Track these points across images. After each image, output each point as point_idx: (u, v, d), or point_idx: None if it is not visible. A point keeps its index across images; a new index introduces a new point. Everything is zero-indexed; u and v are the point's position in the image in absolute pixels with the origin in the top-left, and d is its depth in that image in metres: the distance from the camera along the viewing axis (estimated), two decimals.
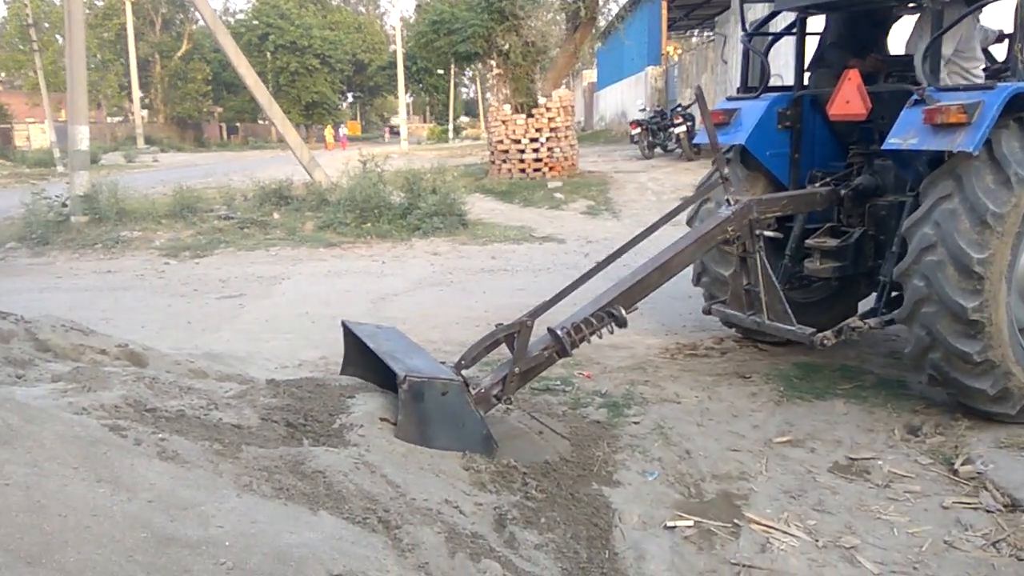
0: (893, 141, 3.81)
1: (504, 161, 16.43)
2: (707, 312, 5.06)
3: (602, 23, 18.07)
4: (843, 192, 4.48)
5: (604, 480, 3.43)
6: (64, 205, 11.81)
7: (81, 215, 11.65)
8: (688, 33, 35.26)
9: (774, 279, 4.22)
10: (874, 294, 4.56)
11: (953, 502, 3.27)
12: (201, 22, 32.71)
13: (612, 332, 3.79)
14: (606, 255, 4.01)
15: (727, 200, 4.12)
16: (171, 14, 53.57)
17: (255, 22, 52.78)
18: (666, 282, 4.03)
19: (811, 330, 4.10)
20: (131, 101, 46.91)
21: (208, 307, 7.18)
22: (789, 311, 4.18)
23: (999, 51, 4.81)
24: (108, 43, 47.89)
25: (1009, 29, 4.64)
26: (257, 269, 8.95)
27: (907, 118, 3.79)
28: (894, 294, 4.10)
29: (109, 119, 51.11)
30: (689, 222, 5.25)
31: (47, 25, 39.67)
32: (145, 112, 50.55)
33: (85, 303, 7.35)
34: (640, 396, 4.47)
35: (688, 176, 14.80)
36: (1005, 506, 3.22)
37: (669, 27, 26.96)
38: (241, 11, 60.27)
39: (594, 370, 4.98)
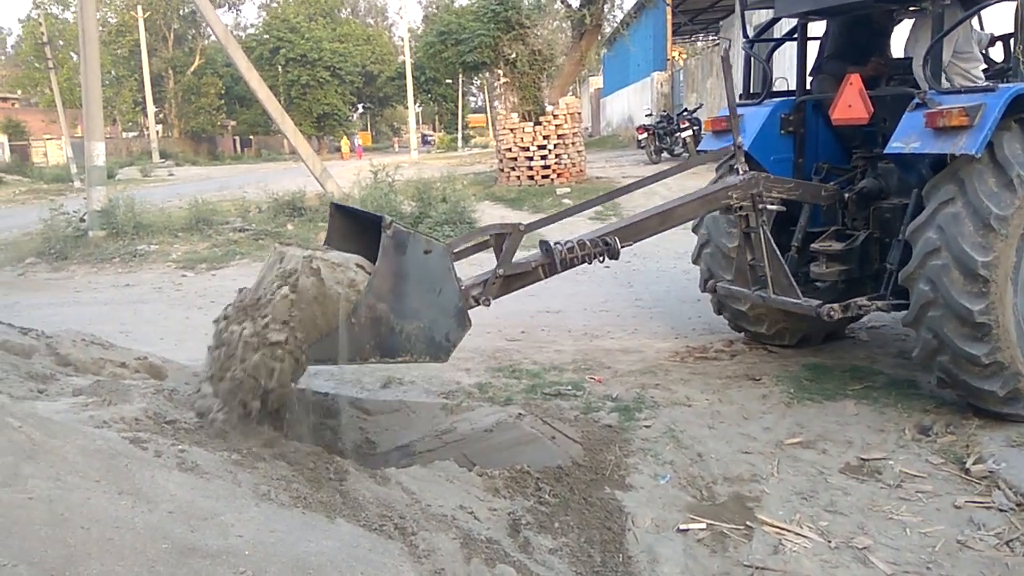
0: (896, 145, 3.83)
1: (513, 168, 16.50)
2: (711, 290, 5.14)
3: (607, 30, 18.14)
4: (847, 195, 4.50)
5: (617, 484, 3.47)
6: (82, 220, 11.98)
7: (99, 230, 11.81)
8: (693, 38, 35.26)
9: (778, 253, 4.27)
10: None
11: (965, 501, 3.29)
12: (213, 37, 33.06)
13: (603, 261, 3.81)
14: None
15: (736, 169, 4.18)
16: (183, 30, 54.15)
17: (266, 36, 53.17)
18: (664, 230, 4.10)
19: (817, 302, 4.17)
20: (146, 116, 47.42)
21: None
22: (794, 284, 4.24)
23: (995, 54, 4.84)
24: (122, 59, 48.48)
25: (999, 32, 4.69)
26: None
27: (909, 122, 3.81)
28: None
29: (124, 134, 51.75)
30: (695, 229, 5.30)
31: (62, 43, 40.24)
32: (159, 127, 51.09)
33: (104, 316, 7.46)
34: (651, 400, 4.50)
35: (695, 180, 14.72)
36: (1018, 505, 3.22)
37: (674, 32, 26.99)
38: (252, 25, 60.97)
39: (605, 374, 5.02)
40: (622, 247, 3.70)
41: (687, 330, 5.99)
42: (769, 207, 4.19)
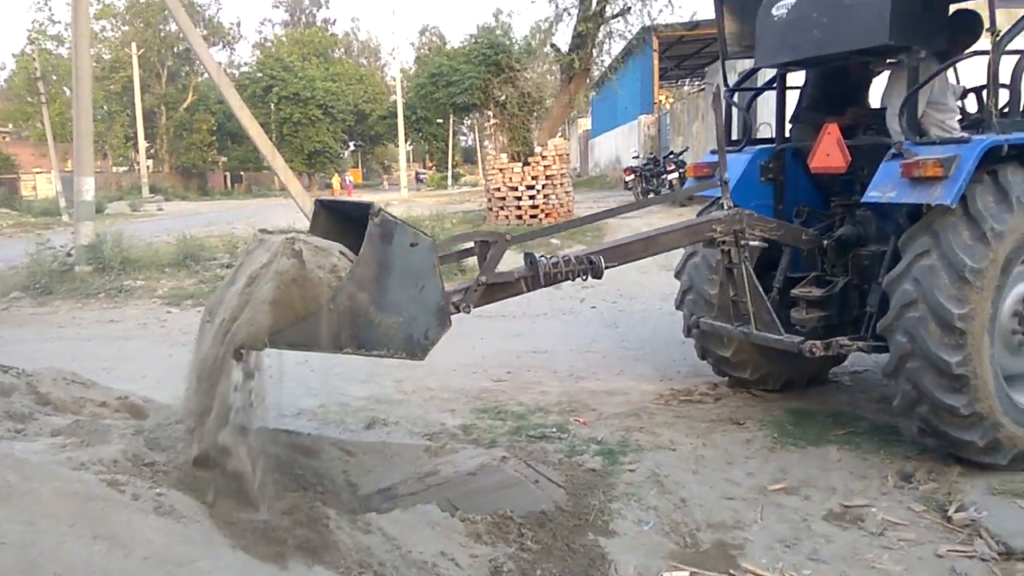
0: (873, 194, 3.90)
1: (502, 208, 16.64)
2: (688, 333, 5.24)
3: (596, 73, 18.46)
4: (826, 242, 4.58)
5: (600, 530, 3.45)
6: (69, 255, 11.94)
7: (85, 265, 11.77)
8: (679, 83, 36.01)
9: (760, 290, 4.33)
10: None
11: (947, 550, 3.28)
12: (206, 75, 33.35)
13: (586, 279, 3.81)
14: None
15: (722, 204, 4.27)
16: (177, 67, 54.66)
17: (259, 74, 53.79)
18: (648, 255, 4.20)
19: (799, 339, 4.21)
20: (137, 151, 47.61)
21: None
22: (776, 320, 4.29)
23: (969, 106, 4.97)
24: (115, 95, 48.82)
25: (973, 84, 4.83)
26: None
27: (885, 172, 3.89)
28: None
29: (115, 169, 51.84)
30: (677, 275, 5.36)
31: (55, 78, 40.47)
32: (150, 162, 51.29)
33: (87, 353, 7.40)
34: (636, 443, 4.50)
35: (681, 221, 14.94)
36: (1000, 554, 3.21)
37: (661, 77, 27.57)
38: (245, 64, 61.48)
39: (590, 416, 5.01)
40: (606, 267, 3.75)
41: (672, 372, 6.01)
42: (752, 243, 4.25)
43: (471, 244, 3.73)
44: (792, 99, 5.13)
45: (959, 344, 3.62)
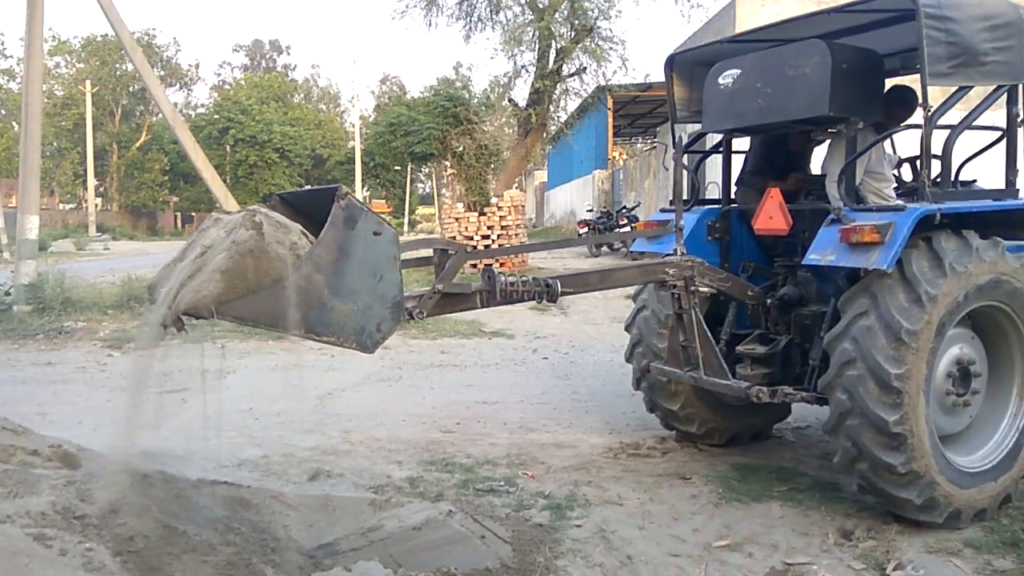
0: (813, 257, 4.05)
1: None
2: (637, 386, 5.31)
3: (552, 128, 18.88)
4: (770, 301, 4.71)
5: None
6: (7, 294, 11.55)
7: (24, 304, 11.38)
8: (632, 140, 37.01)
9: (710, 336, 4.42)
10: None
11: None
12: (161, 114, 33.08)
13: (541, 302, 3.83)
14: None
15: (676, 250, 4.41)
16: (132, 105, 54.09)
17: (216, 116, 53.54)
18: (602, 288, 4.33)
19: (746, 384, 4.30)
20: (85, 189, 46.68)
21: (148, 402, 7.01)
22: (725, 366, 4.38)
23: (905, 174, 5.22)
24: (66, 132, 48.02)
25: (907, 155, 5.08)
26: (202, 362, 8.81)
27: (825, 235, 4.04)
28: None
29: (62, 206, 50.68)
30: (627, 328, 5.43)
31: (2, 112, 39.68)
32: (99, 200, 50.27)
33: (22, 397, 7.13)
34: (583, 497, 4.49)
35: None
36: None
37: (615, 134, 28.36)
38: (203, 105, 61.13)
39: (539, 470, 5.00)
40: (562, 293, 3.78)
41: (621, 425, 6.04)
42: (701, 289, 4.36)
43: (430, 252, 3.75)
44: (738, 163, 5.33)
45: (896, 403, 3.73)
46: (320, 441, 5.58)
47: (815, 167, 5.19)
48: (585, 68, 17.59)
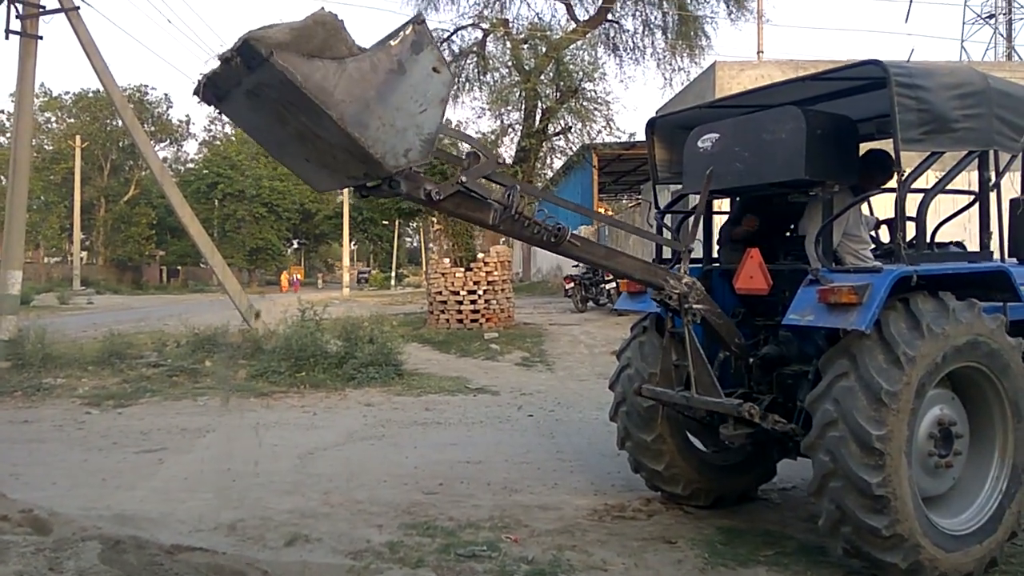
0: (792, 317, 4.08)
1: (443, 311, 16.71)
2: (621, 445, 5.35)
3: (539, 185, 19.12)
4: (752, 360, 4.72)
5: None
6: None
7: (3, 360, 11.25)
8: (618, 196, 37.53)
9: (703, 354, 4.40)
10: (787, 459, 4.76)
11: None
12: (150, 169, 33.35)
13: (547, 240, 3.91)
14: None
15: (681, 268, 4.45)
16: (121, 160, 54.38)
17: (205, 171, 53.89)
18: (604, 265, 4.44)
19: (738, 401, 4.27)
20: (71, 243, 46.55)
21: (125, 462, 6.88)
22: (717, 385, 4.35)
23: (883, 236, 5.31)
24: (54, 186, 48.11)
25: (884, 217, 5.17)
26: (182, 420, 8.68)
27: (804, 296, 4.08)
28: None
29: (47, 259, 50.43)
30: (611, 386, 5.42)
31: None
32: (84, 254, 50.13)
33: None
34: (567, 563, 4.39)
35: (619, 331, 15.22)
36: None
37: (600, 190, 28.76)
38: (192, 160, 61.48)
39: (522, 533, 4.91)
40: (568, 243, 3.91)
41: (607, 486, 5.97)
42: (696, 306, 4.35)
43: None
44: (720, 222, 5.40)
45: (879, 465, 3.71)
46: (299, 503, 5.47)
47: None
48: (570, 127, 17.95)
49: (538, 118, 17.62)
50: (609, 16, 20.02)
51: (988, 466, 4.24)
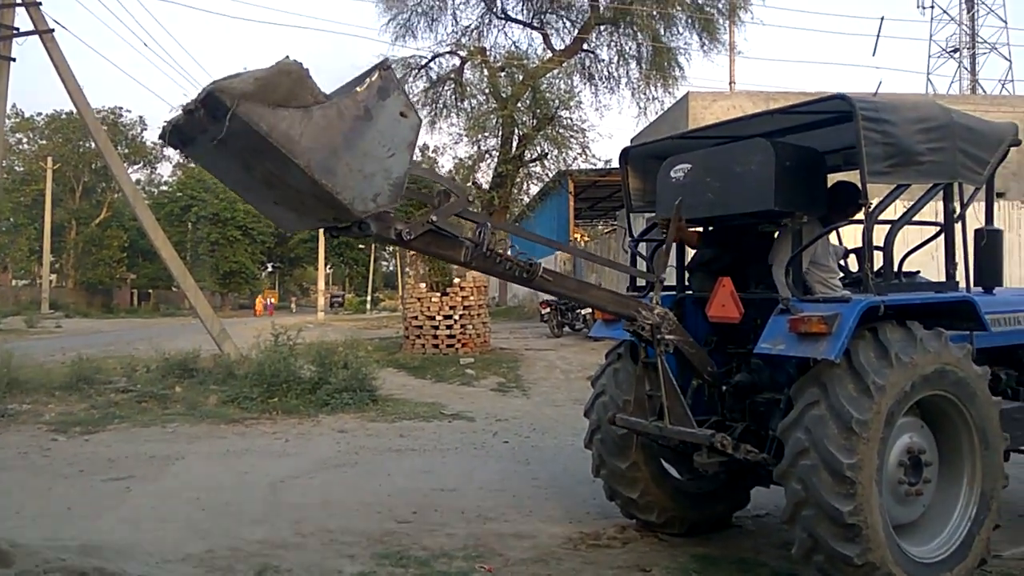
0: (764, 346, 4.13)
1: (418, 336, 16.64)
2: (596, 473, 5.35)
3: (515, 210, 19.25)
4: (724, 388, 4.76)
5: None
6: None
7: None
8: (593, 222, 37.85)
9: (675, 385, 4.41)
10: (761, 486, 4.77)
11: None
12: (122, 192, 33.02)
13: (519, 276, 3.96)
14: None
15: (653, 298, 4.48)
16: (93, 182, 53.77)
17: (179, 194, 53.44)
18: (575, 298, 4.55)
19: (711, 432, 4.28)
20: (41, 265, 45.80)
21: (92, 490, 6.73)
22: (690, 415, 4.37)
23: (852, 265, 5.40)
24: (23, 207, 47.40)
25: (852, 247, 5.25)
26: (150, 447, 8.51)
27: (774, 325, 4.13)
28: None
29: (15, 282, 49.55)
30: (586, 414, 5.43)
31: None
32: (54, 276, 49.31)
33: None
34: None
35: (595, 356, 15.23)
36: None
37: (576, 216, 29.00)
38: (166, 183, 60.97)
39: (496, 562, 4.86)
40: (540, 279, 3.96)
41: (582, 513, 5.94)
42: (667, 337, 4.37)
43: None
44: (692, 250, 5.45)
45: (850, 493, 3.74)
46: (269, 533, 5.38)
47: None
48: (547, 154, 18.12)
49: (515, 144, 17.77)
50: (585, 46, 20.32)
51: (957, 493, 4.30)
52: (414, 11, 20.72)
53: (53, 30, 13.51)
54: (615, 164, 19.88)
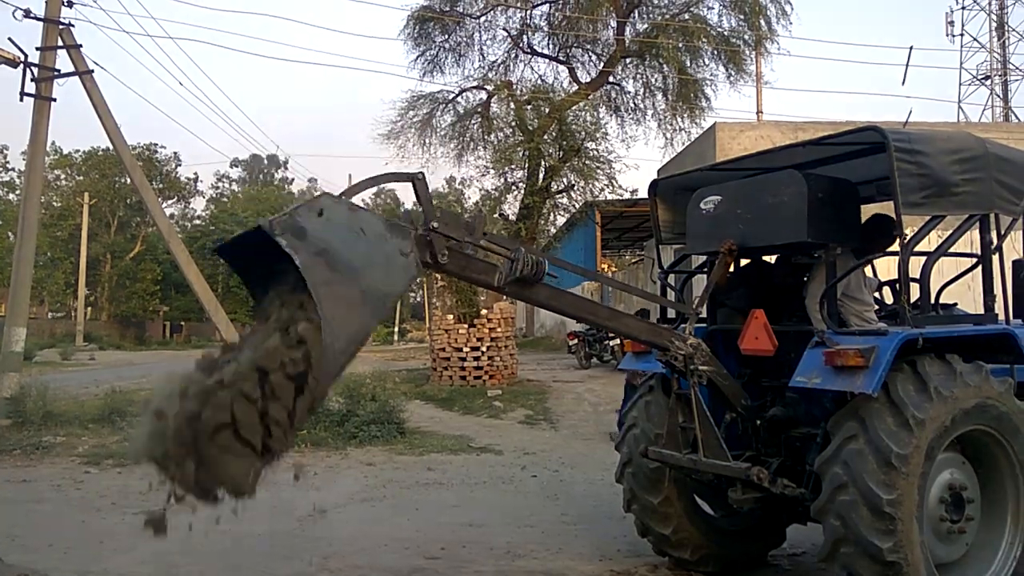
0: (799, 379, 4.06)
1: (446, 368, 16.64)
2: (627, 508, 5.25)
3: (542, 241, 19.26)
4: (759, 422, 4.67)
5: None
6: None
7: (4, 418, 11.19)
8: (621, 252, 37.70)
9: (709, 417, 4.34)
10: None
11: None
12: (156, 227, 33.65)
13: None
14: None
15: (687, 329, 4.44)
16: (128, 217, 54.89)
17: (212, 228, 54.30)
18: (607, 327, 4.50)
19: (747, 465, 4.20)
20: (75, 298, 46.69)
21: (124, 523, 6.76)
22: (724, 448, 4.28)
23: (887, 296, 5.31)
24: (60, 242, 48.46)
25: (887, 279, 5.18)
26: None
27: (810, 359, 4.06)
28: None
29: (50, 315, 50.52)
30: (617, 447, 5.36)
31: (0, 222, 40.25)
32: (88, 309, 50.21)
33: None
34: None
35: (617, 388, 15.12)
36: None
37: (603, 247, 28.93)
38: (199, 217, 62.16)
39: None
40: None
41: (612, 551, 5.84)
42: (701, 368, 4.32)
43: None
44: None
45: (890, 530, 3.65)
46: (298, 569, 5.36)
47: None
48: (573, 185, 18.15)
49: (541, 176, 17.84)
50: (611, 78, 20.44)
51: (1001, 532, 4.17)
52: (441, 47, 21.05)
53: (93, 71, 13.94)
54: (642, 194, 19.90)
